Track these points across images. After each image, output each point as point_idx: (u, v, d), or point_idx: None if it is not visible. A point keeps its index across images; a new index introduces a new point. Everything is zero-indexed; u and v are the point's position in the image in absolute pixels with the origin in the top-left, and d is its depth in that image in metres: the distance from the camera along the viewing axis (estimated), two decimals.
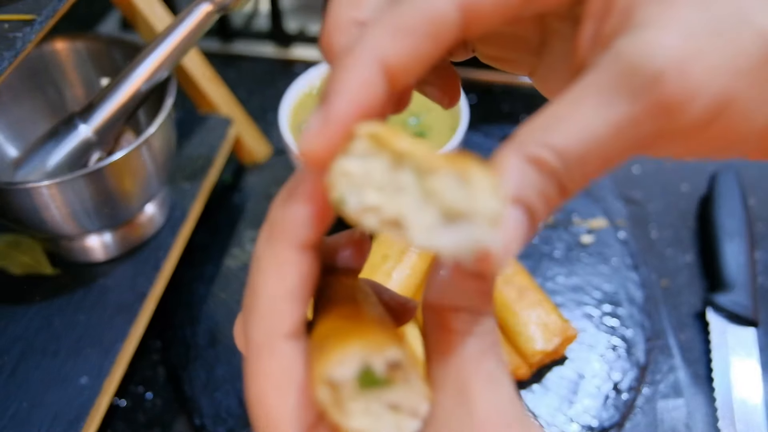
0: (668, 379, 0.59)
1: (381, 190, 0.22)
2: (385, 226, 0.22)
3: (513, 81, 0.89)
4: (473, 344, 0.24)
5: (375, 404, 0.23)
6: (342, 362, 0.22)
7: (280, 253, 0.24)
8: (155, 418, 0.58)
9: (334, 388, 0.23)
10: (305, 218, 0.24)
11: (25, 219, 0.53)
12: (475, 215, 0.20)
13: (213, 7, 0.55)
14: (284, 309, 0.24)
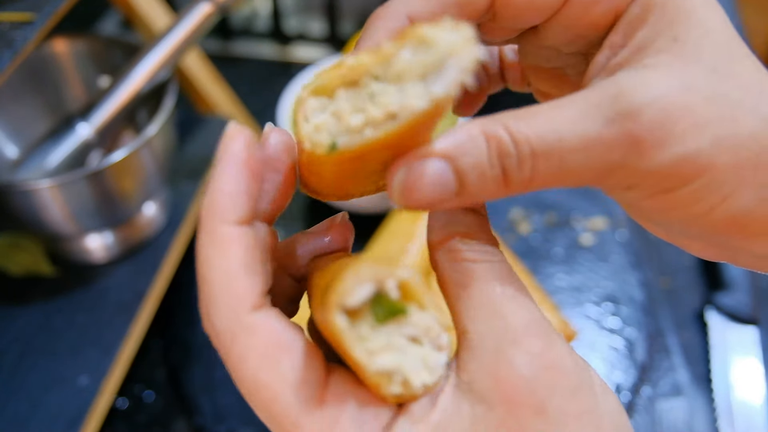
0: (668, 379, 0.59)
1: (357, 111, 0.23)
2: (382, 127, 0.22)
3: None
4: (491, 269, 0.24)
5: (396, 338, 0.23)
6: (355, 285, 0.22)
7: (218, 235, 0.24)
8: (155, 418, 0.58)
9: (351, 327, 0.22)
10: (238, 192, 0.24)
11: (25, 219, 0.53)
12: (446, 50, 0.21)
13: (213, 7, 0.55)
14: (242, 282, 0.23)
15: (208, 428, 0.57)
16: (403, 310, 0.23)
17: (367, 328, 0.23)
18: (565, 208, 0.72)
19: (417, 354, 0.23)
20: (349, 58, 0.23)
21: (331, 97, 0.23)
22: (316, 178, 0.26)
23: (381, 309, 0.23)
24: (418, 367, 0.23)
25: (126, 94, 0.56)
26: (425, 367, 0.24)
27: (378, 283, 0.22)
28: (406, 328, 0.23)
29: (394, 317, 0.23)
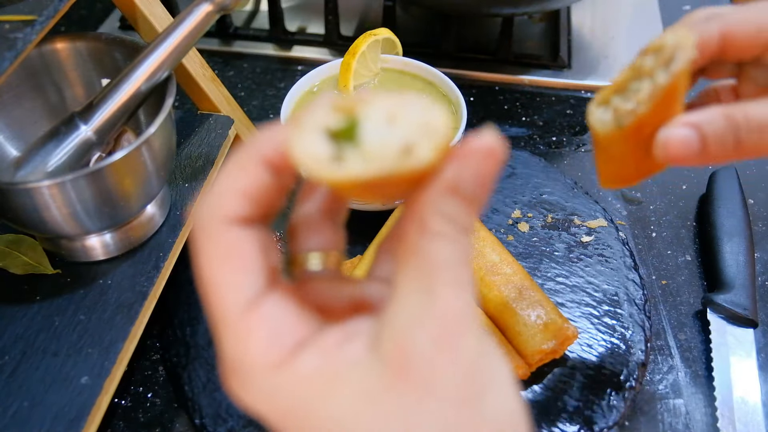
0: (668, 379, 0.59)
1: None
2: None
3: (513, 81, 0.89)
4: (448, 249, 0.25)
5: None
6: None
7: (245, 158, 0.27)
8: (155, 418, 0.58)
9: None
10: (278, 142, 0.27)
11: (26, 219, 0.53)
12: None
13: (213, 7, 0.55)
14: (232, 198, 0.26)
15: (208, 428, 0.57)
16: (352, 127, 0.25)
17: None
18: (565, 208, 0.72)
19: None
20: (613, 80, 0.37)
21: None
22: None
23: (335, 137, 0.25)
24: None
25: (126, 94, 0.56)
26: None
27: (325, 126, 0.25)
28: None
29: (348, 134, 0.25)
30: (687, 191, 0.75)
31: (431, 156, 0.24)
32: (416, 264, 0.25)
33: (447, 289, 0.25)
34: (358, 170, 0.24)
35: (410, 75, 0.76)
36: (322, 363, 0.25)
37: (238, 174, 0.27)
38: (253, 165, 0.27)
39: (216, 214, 0.26)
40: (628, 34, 0.95)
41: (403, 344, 0.24)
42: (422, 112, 0.25)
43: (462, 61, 0.90)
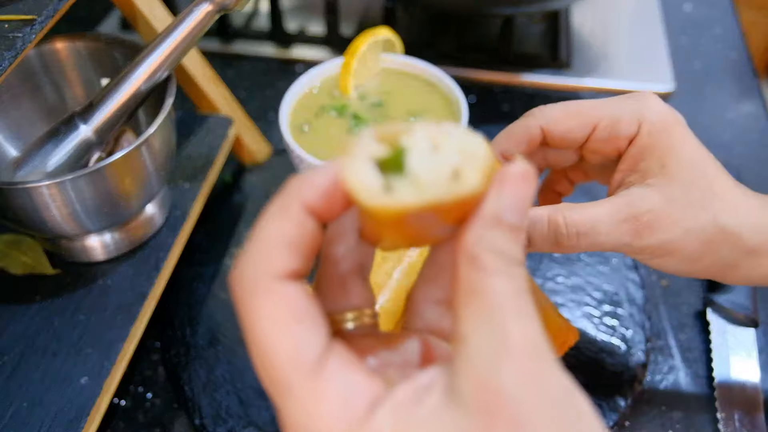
0: (668, 379, 0.59)
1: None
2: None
3: (513, 81, 0.89)
4: (507, 283, 0.25)
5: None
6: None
7: (287, 205, 0.26)
8: (155, 418, 0.58)
9: None
10: (320, 186, 0.26)
11: (25, 219, 0.53)
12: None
13: (213, 7, 0.55)
14: (280, 252, 0.25)
15: (208, 428, 0.57)
16: (398, 156, 0.25)
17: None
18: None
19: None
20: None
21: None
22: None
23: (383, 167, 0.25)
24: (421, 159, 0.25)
25: (126, 94, 0.56)
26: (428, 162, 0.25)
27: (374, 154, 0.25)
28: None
29: (395, 164, 0.25)
30: None
31: (479, 180, 0.25)
32: (479, 303, 0.25)
33: (517, 322, 0.24)
34: (412, 197, 0.24)
35: (410, 75, 0.76)
36: (400, 420, 0.24)
37: (282, 223, 0.26)
38: (296, 212, 0.26)
39: (265, 270, 0.25)
40: (628, 34, 0.95)
41: (485, 385, 0.24)
42: (463, 139, 0.25)
43: (462, 61, 0.90)
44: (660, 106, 0.45)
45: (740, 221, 0.43)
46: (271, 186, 0.76)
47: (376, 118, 0.72)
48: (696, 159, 0.44)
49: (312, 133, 0.71)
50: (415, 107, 0.73)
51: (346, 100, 0.74)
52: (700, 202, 0.43)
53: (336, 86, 0.75)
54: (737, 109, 0.86)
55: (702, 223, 0.42)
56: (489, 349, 0.24)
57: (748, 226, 0.43)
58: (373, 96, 0.74)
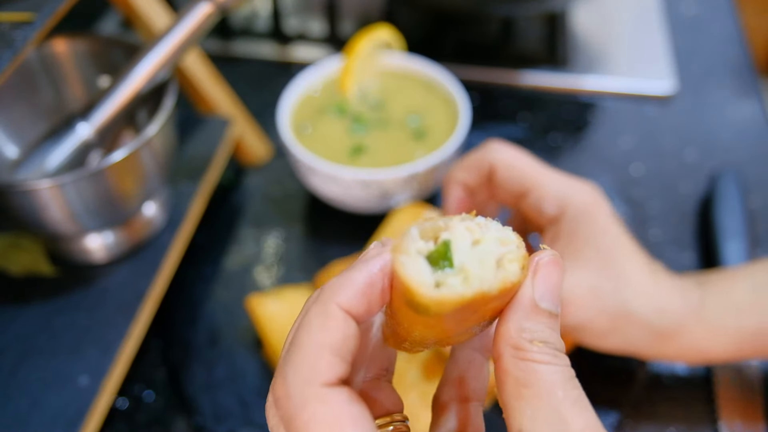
0: (668, 379, 0.59)
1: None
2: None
3: (513, 81, 0.89)
4: (557, 372, 0.26)
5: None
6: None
7: (328, 310, 0.26)
8: (155, 418, 0.58)
9: None
10: (358, 287, 0.26)
11: (25, 219, 0.53)
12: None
13: (213, 7, 0.55)
14: (326, 358, 0.25)
15: (208, 428, 0.57)
16: (445, 250, 0.26)
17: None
18: None
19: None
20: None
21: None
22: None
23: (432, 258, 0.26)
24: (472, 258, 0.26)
25: (126, 94, 0.56)
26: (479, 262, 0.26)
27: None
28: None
29: (443, 258, 0.26)
30: (687, 192, 0.75)
31: (519, 270, 0.26)
32: (533, 394, 0.25)
33: (574, 410, 0.25)
34: (464, 289, 0.25)
35: (410, 75, 0.76)
36: None
37: (325, 330, 0.25)
38: (337, 317, 0.26)
39: (314, 379, 0.25)
40: (628, 34, 0.95)
41: None
42: (498, 232, 0.27)
43: (462, 61, 0.90)
44: (585, 194, 0.49)
45: (647, 306, 0.47)
46: (271, 186, 0.76)
47: (376, 118, 0.72)
48: (610, 246, 0.48)
49: (312, 133, 0.71)
50: (415, 107, 0.73)
51: (346, 100, 0.73)
52: (611, 288, 0.47)
53: (336, 86, 0.75)
54: (737, 109, 0.86)
55: (612, 308, 0.47)
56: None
57: (654, 310, 0.48)
58: (373, 96, 0.74)
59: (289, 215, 0.73)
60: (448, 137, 0.68)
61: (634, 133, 0.82)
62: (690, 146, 0.81)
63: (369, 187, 0.64)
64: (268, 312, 0.59)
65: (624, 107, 0.86)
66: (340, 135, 0.70)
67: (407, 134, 0.70)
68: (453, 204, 0.55)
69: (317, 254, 0.69)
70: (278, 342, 0.58)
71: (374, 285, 0.26)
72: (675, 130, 0.83)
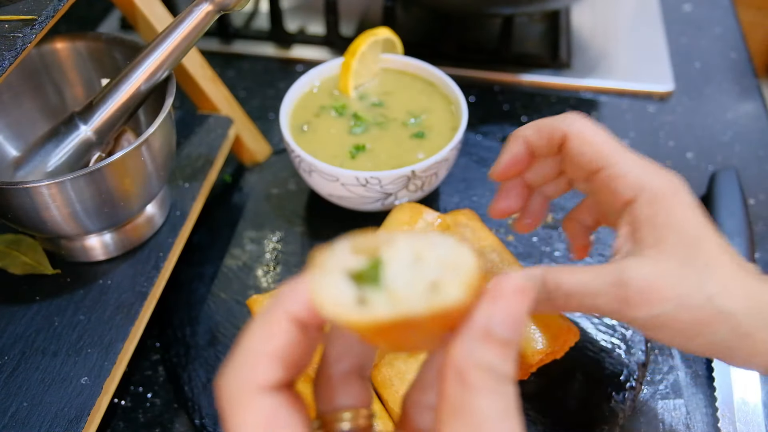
0: (668, 379, 0.59)
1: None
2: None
3: (513, 81, 0.89)
4: (494, 403, 0.24)
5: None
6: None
7: (273, 317, 0.26)
8: (155, 418, 0.58)
9: None
10: (304, 296, 0.26)
11: (25, 219, 0.53)
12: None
13: (213, 7, 0.55)
14: (263, 364, 0.25)
15: (208, 428, 0.57)
16: (375, 267, 0.24)
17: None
18: (566, 208, 0.72)
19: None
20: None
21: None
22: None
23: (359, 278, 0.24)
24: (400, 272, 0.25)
25: (126, 94, 0.56)
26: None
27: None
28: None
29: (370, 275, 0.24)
30: None
31: (460, 294, 0.24)
32: (463, 422, 0.24)
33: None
34: (384, 312, 0.23)
35: (410, 75, 0.76)
36: None
37: (266, 335, 0.26)
38: (281, 323, 0.26)
39: (248, 382, 0.25)
40: (628, 34, 0.95)
41: None
42: (448, 251, 0.25)
43: (462, 61, 0.90)
44: (664, 179, 0.44)
45: (736, 303, 0.41)
46: (271, 186, 0.76)
47: (376, 118, 0.72)
48: (694, 235, 0.42)
49: (312, 133, 0.71)
50: (415, 107, 0.73)
51: (346, 100, 0.74)
52: (695, 281, 0.41)
53: (336, 86, 0.75)
54: (737, 109, 0.86)
55: (696, 302, 0.41)
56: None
57: (743, 308, 0.42)
58: (373, 96, 0.74)
59: (289, 215, 0.73)
60: (448, 137, 0.68)
61: (634, 133, 0.82)
62: (689, 146, 0.81)
63: (369, 187, 0.64)
64: None
65: (624, 107, 0.86)
66: (340, 135, 0.70)
67: (407, 134, 0.70)
68: (508, 158, 0.50)
69: None
70: None
71: None
72: (674, 129, 0.83)
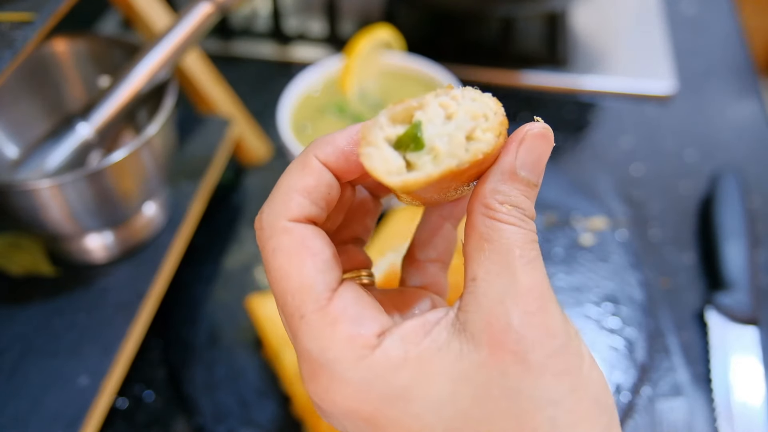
0: (668, 379, 0.59)
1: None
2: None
3: (513, 81, 0.89)
4: (518, 231, 0.27)
5: None
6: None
7: (306, 159, 0.28)
8: (155, 418, 0.58)
9: None
10: (339, 146, 0.28)
11: (25, 219, 0.53)
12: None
13: (213, 7, 0.55)
14: (296, 199, 0.28)
15: (208, 428, 0.57)
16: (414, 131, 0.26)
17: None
18: (565, 208, 0.72)
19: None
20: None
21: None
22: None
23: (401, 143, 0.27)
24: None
25: (126, 94, 0.56)
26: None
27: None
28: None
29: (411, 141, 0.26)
30: (687, 191, 0.75)
31: (492, 139, 0.26)
32: (492, 248, 0.27)
33: (527, 268, 0.26)
34: (432, 170, 0.26)
35: (411, 75, 0.76)
36: (410, 350, 0.26)
37: (300, 174, 0.28)
38: (313, 165, 0.28)
39: (283, 214, 0.27)
40: (629, 34, 0.95)
41: (495, 322, 0.26)
42: (475, 102, 0.27)
43: (462, 61, 0.90)
44: None
45: None
46: (271, 186, 0.76)
47: None
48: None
49: (312, 133, 0.71)
50: None
51: (346, 100, 0.73)
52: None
53: (336, 86, 0.75)
54: (737, 109, 0.85)
55: None
56: (499, 289, 0.26)
57: None
58: (374, 96, 0.74)
59: None
60: None
61: (635, 133, 0.82)
62: (690, 146, 0.81)
63: None
64: (268, 312, 0.59)
65: (624, 107, 0.86)
66: None
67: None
68: None
69: None
70: (278, 342, 0.58)
71: (354, 147, 0.29)
72: (675, 130, 0.83)
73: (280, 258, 0.27)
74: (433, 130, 0.26)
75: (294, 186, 0.28)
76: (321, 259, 0.27)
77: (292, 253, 0.27)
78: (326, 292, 0.27)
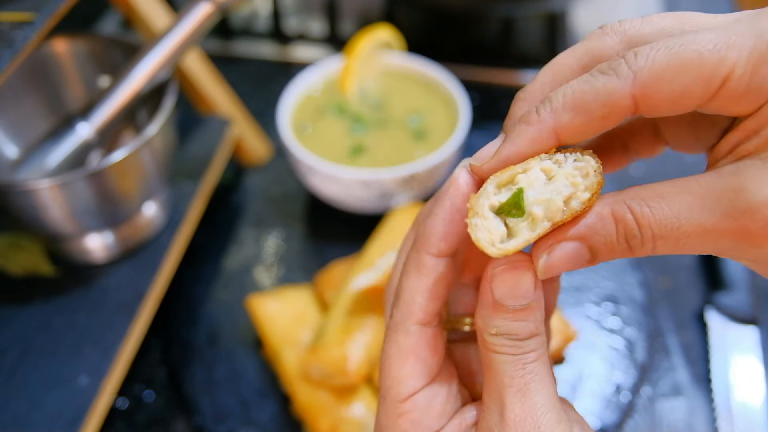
0: (668, 379, 0.59)
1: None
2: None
3: (513, 81, 0.89)
4: (509, 361, 0.29)
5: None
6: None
7: (421, 259, 0.31)
8: (155, 418, 0.58)
9: None
10: (443, 233, 0.31)
11: (25, 219, 0.53)
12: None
13: (213, 7, 0.55)
14: (420, 301, 0.31)
15: (208, 428, 0.57)
16: (518, 200, 0.28)
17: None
18: None
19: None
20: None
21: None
22: None
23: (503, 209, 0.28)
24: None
25: (126, 94, 0.56)
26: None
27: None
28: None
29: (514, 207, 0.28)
30: None
31: (587, 198, 0.27)
32: (488, 377, 0.30)
33: (515, 399, 0.29)
34: (529, 236, 0.27)
35: (411, 75, 0.76)
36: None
37: (417, 276, 0.31)
38: (428, 264, 0.31)
39: (408, 316, 0.32)
40: None
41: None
42: (573, 166, 0.28)
43: (462, 61, 0.90)
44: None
45: None
46: (271, 186, 0.76)
47: (376, 118, 0.72)
48: None
49: (312, 133, 0.71)
50: (415, 107, 0.73)
51: (346, 100, 0.73)
52: None
53: (336, 86, 0.75)
54: None
55: None
56: (494, 419, 0.30)
57: None
58: (374, 96, 0.74)
59: (289, 215, 0.73)
60: (448, 137, 0.68)
61: None
62: None
63: (369, 187, 0.64)
64: (268, 312, 0.59)
65: None
66: (340, 135, 0.70)
67: (407, 134, 0.70)
68: (523, 149, 0.30)
69: (317, 254, 0.69)
70: (278, 342, 0.58)
71: (454, 221, 0.30)
72: None
73: (394, 349, 0.32)
74: (533, 196, 0.28)
75: (415, 289, 0.31)
76: (420, 366, 0.31)
77: (401, 352, 0.32)
78: (409, 390, 0.32)
